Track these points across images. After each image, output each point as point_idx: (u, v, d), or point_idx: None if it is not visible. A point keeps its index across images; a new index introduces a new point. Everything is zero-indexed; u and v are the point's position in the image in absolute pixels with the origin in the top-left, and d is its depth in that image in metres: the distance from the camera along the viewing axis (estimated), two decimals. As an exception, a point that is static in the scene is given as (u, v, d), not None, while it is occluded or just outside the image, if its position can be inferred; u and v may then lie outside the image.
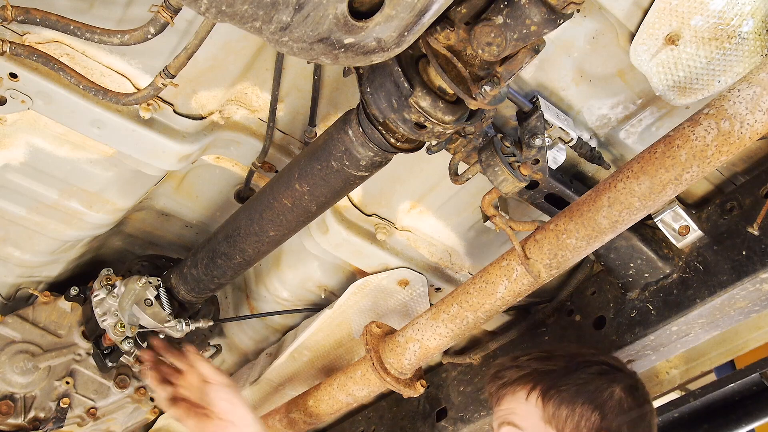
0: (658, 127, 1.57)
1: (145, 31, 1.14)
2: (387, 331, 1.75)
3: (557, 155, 1.53)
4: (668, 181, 1.19)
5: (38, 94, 1.46)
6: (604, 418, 1.51)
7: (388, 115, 1.21)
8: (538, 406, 1.54)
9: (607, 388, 1.54)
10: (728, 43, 1.34)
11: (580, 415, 1.51)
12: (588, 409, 1.51)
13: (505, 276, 1.43)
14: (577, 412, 1.51)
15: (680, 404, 1.98)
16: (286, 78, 1.58)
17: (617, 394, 1.54)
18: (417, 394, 1.73)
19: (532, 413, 1.55)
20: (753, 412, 1.89)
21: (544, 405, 1.54)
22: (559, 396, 1.53)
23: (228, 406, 1.64)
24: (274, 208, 1.48)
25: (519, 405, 1.57)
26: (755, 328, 2.25)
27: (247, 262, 1.66)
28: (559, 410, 1.52)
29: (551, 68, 1.47)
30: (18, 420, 1.95)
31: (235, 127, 1.66)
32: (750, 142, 1.14)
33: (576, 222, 1.31)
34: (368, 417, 2.51)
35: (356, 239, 1.82)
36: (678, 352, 1.80)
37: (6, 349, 1.95)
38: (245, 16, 0.90)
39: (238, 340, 2.42)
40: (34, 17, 1.20)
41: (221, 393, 1.65)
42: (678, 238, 1.66)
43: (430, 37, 1.12)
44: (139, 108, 1.52)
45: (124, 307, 1.85)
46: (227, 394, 1.65)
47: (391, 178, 1.74)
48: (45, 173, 1.69)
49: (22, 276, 2.04)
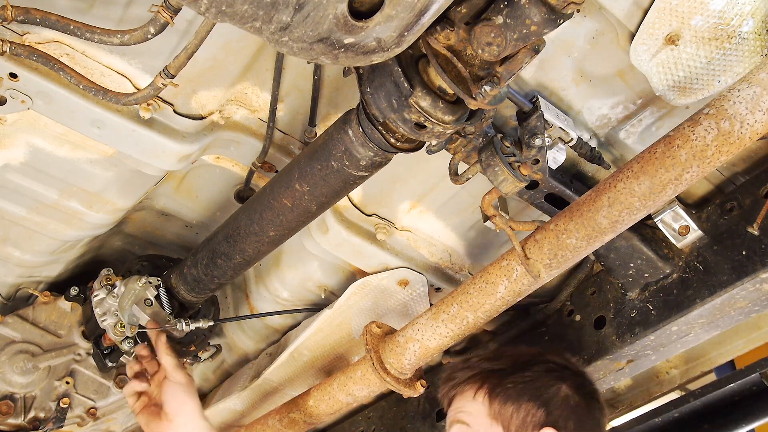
0: (658, 127, 1.57)
1: (145, 31, 1.14)
2: (387, 331, 1.75)
3: (557, 155, 1.53)
4: (668, 181, 1.19)
5: (38, 94, 1.46)
6: (550, 414, 1.52)
7: (388, 115, 1.21)
8: (485, 404, 1.57)
9: (553, 385, 1.56)
10: (728, 43, 1.34)
11: (525, 411, 1.52)
12: (533, 406, 1.53)
13: (505, 276, 1.43)
14: (522, 408, 1.53)
15: (680, 404, 1.98)
16: (286, 78, 1.58)
17: (563, 391, 1.56)
18: (417, 394, 1.73)
19: (480, 411, 1.57)
20: (753, 412, 1.89)
21: (491, 402, 1.56)
22: (505, 393, 1.56)
23: (175, 407, 1.65)
24: (274, 208, 1.48)
25: (467, 403, 1.60)
26: (755, 328, 2.26)
27: (247, 262, 1.66)
28: (505, 407, 1.54)
29: (551, 68, 1.47)
30: (18, 420, 1.95)
31: (235, 127, 1.66)
32: (750, 142, 1.14)
33: (576, 222, 1.31)
34: (368, 417, 2.51)
35: (356, 239, 1.82)
36: (678, 352, 1.80)
37: (6, 349, 1.95)
38: (245, 16, 0.90)
39: (238, 340, 2.42)
40: (34, 17, 1.20)
41: (174, 391, 1.66)
42: (678, 238, 1.66)
43: (430, 37, 1.12)
44: (139, 108, 1.52)
45: (124, 307, 1.85)
46: (180, 393, 1.66)
47: (391, 178, 1.74)
48: (45, 173, 1.69)
49: (22, 276, 2.04)
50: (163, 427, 1.66)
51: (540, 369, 1.60)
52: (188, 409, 1.65)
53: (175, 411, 1.65)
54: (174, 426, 1.65)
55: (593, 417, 1.59)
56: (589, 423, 1.57)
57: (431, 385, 2.27)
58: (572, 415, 1.54)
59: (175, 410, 1.65)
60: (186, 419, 1.64)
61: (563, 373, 1.61)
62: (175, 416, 1.65)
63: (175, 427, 1.64)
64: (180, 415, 1.64)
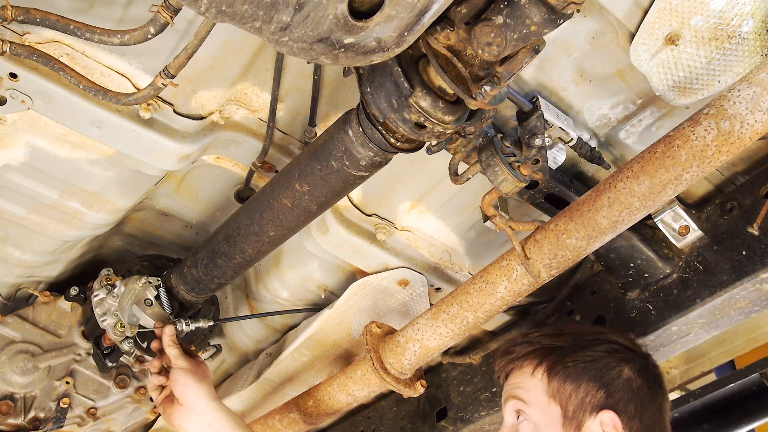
0: (658, 127, 1.57)
1: (145, 31, 1.14)
2: (387, 331, 1.75)
3: (557, 155, 1.53)
4: (668, 181, 1.19)
5: (38, 94, 1.46)
6: (610, 397, 1.47)
7: (388, 115, 1.21)
8: (543, 381, 1.52)
9: (616, 366, 1.51)
10: (728, 43, 1.34)
11: (585, 391, 1.48)
12: (594, 387, 1.48)
13: (505, 276, 1.43)
14: (582, 388, 1.48)
15: (680, 404, 1.99)
16: (286, 78, 1.58)
17: (626, 373, 1.51)
18: (417, 394, 1.73)
19: (537, 388, 1.52)
20: (753, 412, 1.89)
21: (549, 380, 1.51)
22: (565, 372, 1.51)
23: (182, 391, 1.67)
24: (274, 208, 1.48)
25: (525, 379, 1.55)
26: (755, 328, 2.26)
27: (247, 262, 1.66)
28: (564, 386, 1.49)
29: (551, 68, 1.47)
30: (18, 420, 1.95)
31: (235, 127, 1.66)
32: (750, 142, 1.14)
33: (576, 222, 1.31)
34: (368, 417, 2.51)
35: (356, 239, 1.82)
36: (678, 352, 1.79)
37: (6, 349, 1.95)
38: (245, 16, 0.90)
39: (238, 340, 2.42)
40: (34, 17, 1.20)
41: (178, 377, 1.68)
42: (678, 238, 1.66)
43: (430, 37, 1.12)
44: (139, 108, 1.52)
45: (124, 307, 1.85)
46: (183, 378, 1.67)
47: (391, 178, 1.74)
48: (45, 173, 1.69)
49: (22, 276, 2.04)
50: (177, 412, 1.68)
51: (602, 349, 1.54)
52: (197, 392, 1.67)
53: (183, 395, 1.67)
54: (186, 409, 1.67)
55: (655, 402, 1.53)
56: (651, 408, 1.51)
57: (431, 385, 2.28)
58: (634, 399, 1.48)
59: (183, 394, 1.67)
60: (195, 400, 1.66)
61: (626, 354, 1.55)
62: (184, 399, 1.67)
63: (187, 410, 1.67)
64: (188, 397, 1.66)
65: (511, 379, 1.60)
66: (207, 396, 1.67)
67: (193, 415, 1.66)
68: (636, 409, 1.48)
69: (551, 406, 1.49)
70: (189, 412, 1.66)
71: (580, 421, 1.47)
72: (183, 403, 1.67)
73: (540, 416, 1.50)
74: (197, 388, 1.67)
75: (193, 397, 1.66)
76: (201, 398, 1.66)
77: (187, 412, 1.66)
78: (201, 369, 1.74)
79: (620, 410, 1.46)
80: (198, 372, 1.71)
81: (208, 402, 1.67)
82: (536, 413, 1.50)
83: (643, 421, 1.48)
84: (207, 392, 1.68)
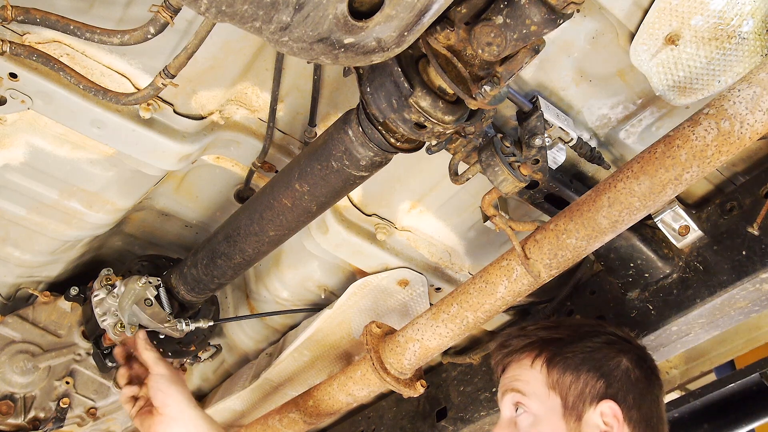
0: (658, 127, 1.57)
1: (145, 31, 1.14)
2: (387, 331, 1.75)
3: (557, 155, 1.53)
4: (668, 181, 1.19)
5: (38, 94, 1.46)
6: (610, 387, 1.48)
7: (388, 115, 1.21)
8: (543, 373, 1.51)
9: (614, 357, 1.51)
10: (728, 43, 1.34)
11: (584, 382, 1.48)
12: (593, 377, 1.48)
13: (505, 276, 1.43)
14: (581, 378, 1.48)
15: (680, 404, 1.98)
16: (286, 78, 1.58)
17: (624, 364, 1.51)
18: (417, 394, 1.73)
19: (537, 379, 1.52)
20: (753, 412, 1.89)
21: (549, 371, 1.51)
22: (564, 363, 1.51)
23: (162, 398, 1.62)
24: (274, 208, 1.48)
25: (523, 372, 1.55)
26: (755, 328, 2.26)
27: (247, 262, 1.66)
28: (564, 377, 1.49)
29: (551, 68, 1.47)
30: (18, 420, 1.95)
31: (235, 127, 1.66)
32: (750, 142, 1.14)
33: (576, 222, 1.31)
34: (368, 417, 2.51)
35: (356, 239, 1.82)
36: (678, 352, 1.79)
37: (6, 349, 1.95)
38: (245, 16, 0.90)
39: (238, 340, 2.42)
40: (34, 17, 1.20)
41: (157, 384, 1.63)
42: (678, 238, 1.66)
43: (430, 37, 1.12)
44: (139, 108, 1.52)
45: (124, 307, 1.85)
46: (163, 385, 1.63)
47: (391, 178, 1.74)
48: (45, 173, 1.69)
49: (22, 276, 2.04)
50: (156, 422, 1.63)
51: (600, 340, 1.54)
52: (176, 399, 1.62)
53: (163, 402, 1.63)
54: (165, 418, 1.62)
55: (652, 393, 1.53)
56: (649, 398, 1.52)
57: (431, 385, 2.27)
58: (632, 390, 1.49)
59: (162, 402, 1.63)
60: (175, 409, 1.62)
61: (624, 345, 1.55)
62: (163, 408, 1.62)
63: (168, 419, 1.62)
64: (168, 405, 1.62)
65: (508, 372, 1.59)
66: (188, 403, 1.63)
67: (174, 424, 1.61)
68: (635, 399, 1.49)
69: (551, 397, 1.49)
70: (170, 422, 1.62)
71: (580, 411, 1.47)
72: (163, 412, 1.62)
73: (540, 408, 1.50)
74: (177, 396, 1.63)
75: (174, 406, 1.62)
76: (182, 407, 1.62)
77: (168, 422, 1.62)
78: (177, 374, 1.70)
79: (620, 400, 1.47)
80: (176, 378, 1.67)
81: (190, 410, 1.63)
82: (536, 405, 1.50)
83: (642, 410, 1.49)
84: (188, 399, 1.64)
